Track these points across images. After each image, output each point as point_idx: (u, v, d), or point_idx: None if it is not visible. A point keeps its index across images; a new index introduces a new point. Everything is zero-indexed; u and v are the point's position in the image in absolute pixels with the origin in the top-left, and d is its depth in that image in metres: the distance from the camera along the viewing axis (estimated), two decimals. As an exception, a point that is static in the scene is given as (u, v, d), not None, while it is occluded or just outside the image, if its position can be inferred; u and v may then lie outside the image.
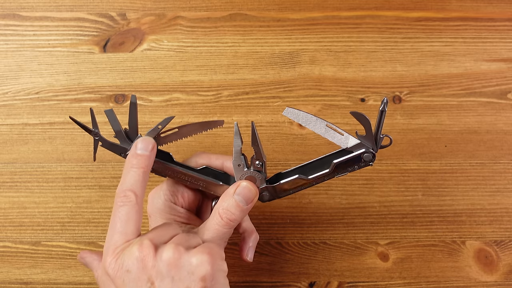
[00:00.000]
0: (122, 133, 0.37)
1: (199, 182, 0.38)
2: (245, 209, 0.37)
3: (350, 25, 0.54)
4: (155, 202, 0.39)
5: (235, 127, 0.37)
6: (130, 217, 0.33)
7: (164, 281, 0.31)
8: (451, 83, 0.52)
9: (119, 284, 0.32)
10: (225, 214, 0.36)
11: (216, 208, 0.37)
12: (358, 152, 0.36)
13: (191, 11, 0.54)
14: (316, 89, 0.52)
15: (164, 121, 0.37)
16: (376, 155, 0.36)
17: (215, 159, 0.40)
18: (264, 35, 0.53)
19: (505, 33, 0.54)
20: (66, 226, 0.49)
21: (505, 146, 0.51)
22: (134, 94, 0.37)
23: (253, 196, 0.37)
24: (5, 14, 0.53)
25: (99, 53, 0.53)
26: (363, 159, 0.37)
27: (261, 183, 0.38)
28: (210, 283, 0.32)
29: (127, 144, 0.37)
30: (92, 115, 0.37)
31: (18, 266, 0.48)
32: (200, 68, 0.52)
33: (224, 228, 0.36)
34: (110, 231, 0.33)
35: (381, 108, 0.34)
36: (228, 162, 0.39)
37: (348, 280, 0.48)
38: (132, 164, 0.35)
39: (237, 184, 0.37)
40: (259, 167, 0.37)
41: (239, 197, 0.37)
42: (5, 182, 0.50)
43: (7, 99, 0.52)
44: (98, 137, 0.38)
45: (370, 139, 0.36)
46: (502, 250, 0.48)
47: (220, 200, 0.38)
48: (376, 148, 0.36)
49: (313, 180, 0.38)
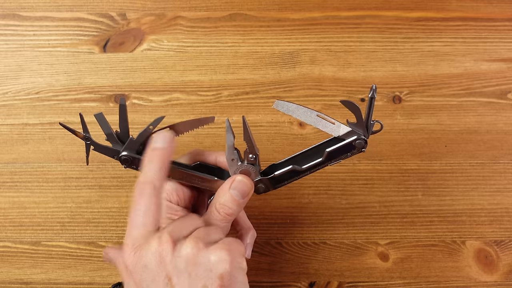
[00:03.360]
0: (114, 135, 0.37)
1: (194, 179, 0.38)
2: (241, 203, 0.37)
3: (350, 25, 0.54)
4: None
5: (227, 122, 0.37)
6: (149, 209, 0.33)
7: (181, 277, 0.31)
8: (451, 83, 0.52)
9: (137, 278, 0.31)
10: (222, 209, 0.36)
11: (212, 204, 0.37)
12: (350, 139, 0.36)
13: (191, 11, 0.54)
14: (316, 89, 0.52)
15: (155, 122, 0.37)
16: (368, 141, 0.37)
17: (208, 155, 0.40)
18: (264, 35, 0.53)
19: (505, 33, 0.54)
20: (66, 226, 0.49)
21: (505, 146, 0.51)
22: (122, 97, 0.37)
23: (249, 189, 0.37)
24: (5, 14, 0.53)
25: (99, 53, 0.53)
26: (355, 146, 0.37)
27: (256, 175, 0.38)
28: (228, 281, 0.31)
29: (119, 146, 0.37)
30: (82, 119, 0.37)
31: (18, 266, 0.48)
32: (200, 68, 0.52)
33: (222, 223, 0.36)
34: (129, 225, 0.33)
35: (370, 95, 0.35)
36: (221, 157, 0.39)
37: (348, 280, 0.48)
38: (151, 157, 0.35)
39: (232, 178, 0.37)
40: (252, 160, 0.38)
41: (235, 191, 0.37)
42: (5, 182, 0.50)
43: (7, 99, 0.52)
44: (90, 141, 0.38)
45: (361, 126, 0.36)
46: (502, 250, 0.48)
47: (216, 195, 0.38)
48: (367, 134, 0.36)
49: (307, 170, 0.38)
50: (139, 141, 0.37)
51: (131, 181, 0.50)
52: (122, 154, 0.37)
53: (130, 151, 0.37)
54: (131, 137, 0.37)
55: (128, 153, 0.37)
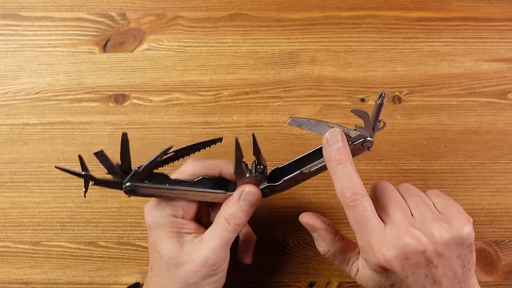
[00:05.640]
0: (115, 168, 0.35)
1: (198, 196, 0.38)
2: (250, 212, 0.38)
3: (350, 25, 0.54)
4: (155, 216, 0.38)
5: (236, 142, 0.36)
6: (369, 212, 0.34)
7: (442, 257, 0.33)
8: (451, 83, 0.52)
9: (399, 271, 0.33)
10: (232, 220, 0.37)
11: (220, 215, 0.37)
12: (358, 141, 0.37)
13: (191, 11, 0.54)
14: (316, 89, 0.52)
15: (162, 152, 0.36)
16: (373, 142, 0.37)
17: (212, 168, 0.39)
18: (264, 35, 0.53)
19: (505, 33, 0.54)
20: (66, 226, 0.49)
21: (505, 146, 0.51)
22: (125, 132, 0.35)
23: (257, 199, 0.38)
24: (5, 14, 0.53)
25: (99, 53, 0.53)
26: (362, 146, 0.37)
27: (263, 183, 0.39)
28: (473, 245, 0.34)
29: (121, 177, 0.36)
30: (81, 160, 0.35)
31: (18, 266, 0.48)
32: (200, 68, 0.53)
33: (231, 233, 0.37)
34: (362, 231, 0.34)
35: (379, 102, 0.35)
36: (226, 169, 0.39)
37: (348, 280, 0.48)
38: (336, 161, 0.35)
39: (241, 189, 0.38)
40: (260, 171, 0.38)
41: (244, 202, 0.38)
42: (5, 182, 0.50)
43: (7, 99, 0.52)
44: (90, 179, 0.36)
45: (368, 129, 0.37)
46: (502, 250, 0.48)
47: (225, 206, 0.38)
48: (373, 133, 0.37)
49: (313, 172, 0.38)
50: (145, 173, 0.36)
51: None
52: (127, 185, 0.36)
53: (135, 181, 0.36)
54: (136, 169, 0.36)
55: (133, 183, 0.36)
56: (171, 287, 0.37)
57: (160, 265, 0.37)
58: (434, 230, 0.33)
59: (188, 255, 0.36)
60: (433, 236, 0.33)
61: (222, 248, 0.37)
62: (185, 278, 0.36)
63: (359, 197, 0.34)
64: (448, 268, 0.33)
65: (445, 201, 0.37)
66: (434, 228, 0.33)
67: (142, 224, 0.49)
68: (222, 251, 0.37)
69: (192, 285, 0.36)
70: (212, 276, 0.37)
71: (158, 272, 0.37)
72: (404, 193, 0.37)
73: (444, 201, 0.37)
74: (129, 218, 0.49)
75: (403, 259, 0.33)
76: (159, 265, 0.37)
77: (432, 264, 0.33)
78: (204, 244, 0.37)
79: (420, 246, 0.33)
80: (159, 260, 0.37)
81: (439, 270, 0.33)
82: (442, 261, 0.33)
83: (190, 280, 0.36)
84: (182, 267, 0.36)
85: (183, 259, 0.36)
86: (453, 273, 0.33)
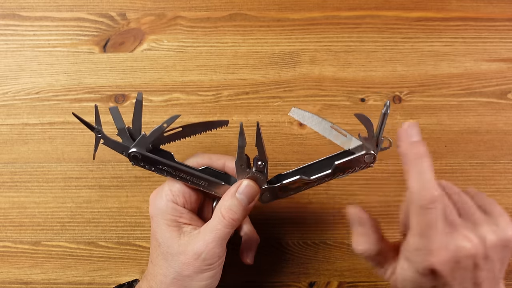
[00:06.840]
0: (125, 131, 0.37)
1: (201, 181, 0.38)
2: (247, 208, 0.37)
3: (350, 25, 0.54)
4: (157, 203, 0.38)
5: (240, 127, 0.36)
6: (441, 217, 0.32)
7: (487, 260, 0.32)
8: (451, 83, 0.52)
9: (447, 274, 0.32)
10: (227, 214, 0.36)
11: (218, 208, 0.37)
12: (359, 154, 0.37)
13: (191, 11, 0.54)
14: (316, 89, 0.52)
15: (169, 120, 0.37)
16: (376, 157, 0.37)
17: (216, 160, 0.40)
18: (264, 35, 0.53)
19: (505, 33, 0.54)
20: (66, 226, 0.49)
21: (505, 146, 0.51)
22: (140, 92, 0.37)
23: (255, 193, 0.38)
24: (5, 14, 0.53)
25: (99, 53, 0.53)
26: (364, 160, 0.37)
27: (262, 184, 0.38)
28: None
29: (130, 142, 0.37)
30: (96, 112, 0.37)
31: (18, 266, 0.48)
32: (200, 68, 0.53)
33: (227, 228, 0.36)
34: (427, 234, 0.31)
35: (384, 111, 0.35)
36: (230, 163, 0.39)
37: (348, 280, 0.48)
38: (417, 154, 0.32)
39: (239, 183, 0.38)
40: (261, 167, 0.38)
41: (241, 196, 0.37)
42: (5, 182, 0.50)
43: (7, 99, 0.52)
44: (101, 135, 0.37)
45: (371, 141, 0.36)
46: (502, 250, 0.48)
47: (222, 200, 0.38)
48: (377, 150, 0.36)
49: (314, 181, 0.38)
50: (151, 139, 0.37)
51: (131, 181, 0.50)
52: (132, 150, 0.37)
53: (141, 148, 0.37)
54: (143, 134, 0.37)
55: (138, 150, 0.37)
56: (166, 276, 0.37)
57: (158, 253, 0.37)
58: (484, 232, 0.32)
59: (184, 246, 0.36)
60: (484, 239, 0.32)
61: (216, 243, 0.36)
62: (179, 269, 0.36)
63: (438, 200, 0.31)
64: (490, 271, 0.32)
65: (485, 200, 0.35)
66: (484, 231, 0.32)
67: (142, 224, 0.49)
68: (217, 246, 0.36)
69: (186, 278, 0.36)
70: (206, 271, 0.36)
71: (156, 261, 0.38)
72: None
73: (484, 201, 0.35)
74: (129, 218, 0.49)
75: (454, 262, 0.31)
76: (157, 254, 0.37)
77: (478, 267, 0.32)
78: (200, 237, 0.36)
79: (473, 249, 0.31)
80: (157, 248, 0.37)
81: (483, 273, 0.32)
82: (488, 265, 0.32)
83: (184, 272, 0.36)
84: (177, 258, 0.36)
85: (179, 249, 0.36)
86: (493, 275, 0.33)
